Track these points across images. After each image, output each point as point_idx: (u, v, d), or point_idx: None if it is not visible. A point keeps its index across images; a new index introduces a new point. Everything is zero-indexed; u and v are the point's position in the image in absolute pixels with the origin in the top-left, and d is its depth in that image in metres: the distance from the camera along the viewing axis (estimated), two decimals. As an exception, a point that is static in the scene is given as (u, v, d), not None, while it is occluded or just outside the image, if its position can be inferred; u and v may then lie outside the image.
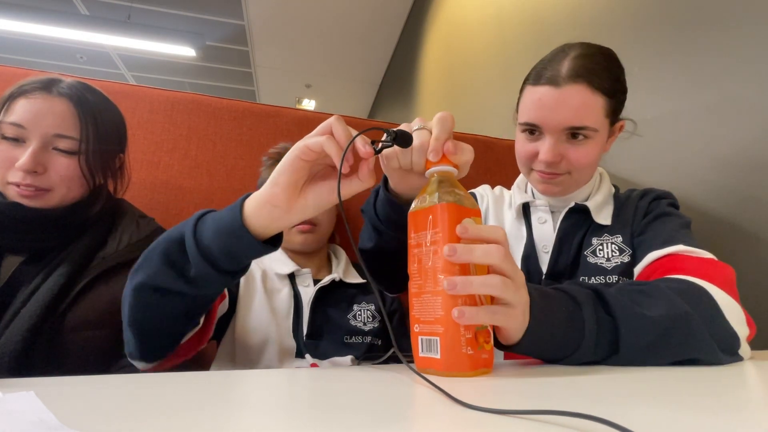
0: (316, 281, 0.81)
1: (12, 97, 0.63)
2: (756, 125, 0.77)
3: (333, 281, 0.81)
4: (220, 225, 0.43)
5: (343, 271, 0.85)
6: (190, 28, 3.74)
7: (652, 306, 0.44)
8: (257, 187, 0.87)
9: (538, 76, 0.66)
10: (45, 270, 0.63)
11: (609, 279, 0.64)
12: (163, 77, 4.73)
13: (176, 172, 1.01)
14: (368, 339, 0.78)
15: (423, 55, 3.16)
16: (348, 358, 0.74)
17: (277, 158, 0.87)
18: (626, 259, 0.66)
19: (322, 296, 0.80)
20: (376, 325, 0.80)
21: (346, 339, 0.76)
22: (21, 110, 0.62)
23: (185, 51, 3.56)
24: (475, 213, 0.40)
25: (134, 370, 0.53)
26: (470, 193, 0.82)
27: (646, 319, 0.43)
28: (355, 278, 0.86)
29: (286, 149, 0.84)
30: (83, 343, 0.62)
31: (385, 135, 0.43)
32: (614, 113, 0.67)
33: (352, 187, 0.43)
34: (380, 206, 0.54)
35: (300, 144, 0.41)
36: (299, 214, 0.44)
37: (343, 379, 0.37)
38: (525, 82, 0.69)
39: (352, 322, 0.79)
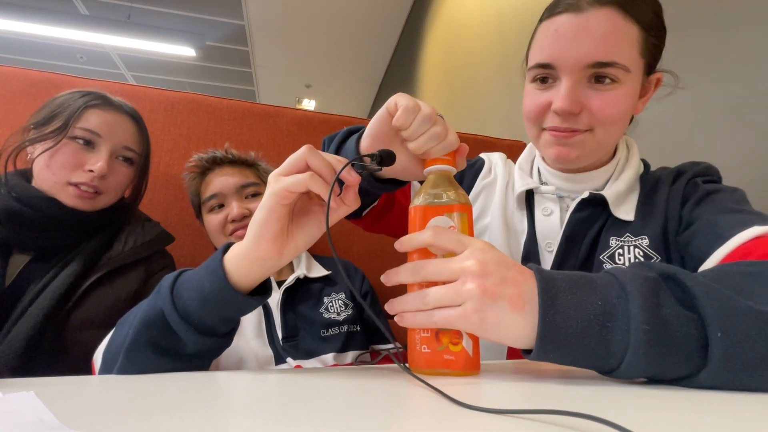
0: (280, 283, 0.79)
1: (86, 107, 0.69)
2: (757, 125, 0.77)
3: (298, 279, 0.80)
4: (204, 294, 0.39)
5: (306, 267, 0.83)
6: (190, 28, 3.74)
7: None
8: (190, 201, 0.87)
9: (554, 5, 0.53)
10: (54, 268, 0.65)
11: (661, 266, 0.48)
12: (163, 77, 4.73)
13: (176, 172, 1.01)
14: (345, 328, 0.77)
15: (423, 55, 3.16)
16: (330, 356, 0.73)
17: (198, 171, 0.85)
18: None
19: (290, 296, 0.78)
20: (350, 313, 0.80)
21: (323, 333, 0.75)
22: (98, 120, 0.69)
23: (185, 51, 3.56)
24: (458, 208, 0.39)
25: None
26: (478, 158, 0.72)
27: (760, 315, 0.28)
28: (319, 272, 0.84)
29: (202, 159, 0.85)
30: (87, 342, 0.63)
31: (366, 159, 0.42)
32: (652, 55, 0.52)
33: (339, 214, 0.41)
34: (344, 154, 0.50)
35: (277, 188, 0.37)
36: (290, 256, 0.41)
37: (340, 379, 0.37)
38: (539, 22, 0.55)
39: (326, 315, 0.78)
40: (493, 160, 0.70)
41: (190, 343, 0.40)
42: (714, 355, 0.28)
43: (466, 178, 0.69)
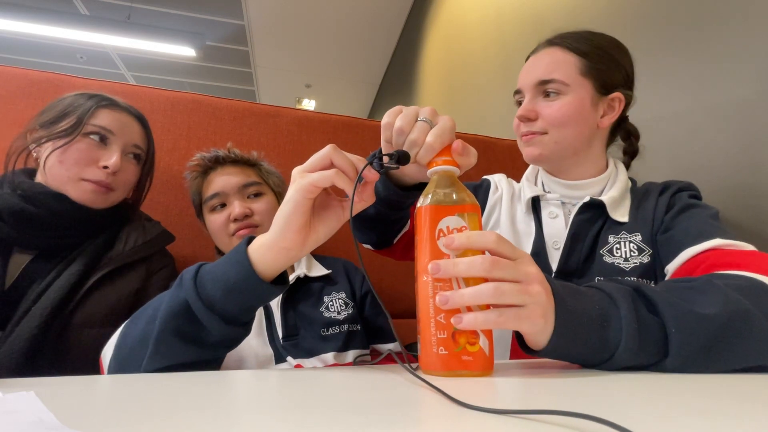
0: None
1: (97, 107, 0.71)
2: (756, 126, 0.77)
3: (298, 278, 0.80)
4: (229, 284, 0.41)
5: (306, 266, 0.83)
6: (190, 28, 3.74)
7: (706, 303, 0.39)
8: (192, 200, 0.87)
9: (529, 56, 0.72)
10: (57, 268, 0.65)
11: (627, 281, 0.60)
12: (163, 77, 4.73)
13: (176, 172, 1.01)
14: (345, 327, 0.77)
15: (423, 55, 3.16)
16: (330, 355, 0.73)
17: (200, 170, 0.85)
18: (645, 259, 0.62)
19: (290, 296, 0.78)
20: (350, 312, 0.80)
21: (323, 332, 0.75)
22: (110, 118, 0.71)
23: (185, 51, 3.56)
24: (470, 209, 0.39)
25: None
26: (483, 179, 0.83)
27: (699, 317, 0.38)
28: (320, 271, 0.84)
29: (204, 158, 0.85)
30: (88, 341, 0.63)
31: (385, 158, 0.45)
32: (599, 78, 0.66)
33: (356, 208, 0.44)
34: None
35: (304, 183, 0.40)
36: (311, 247, 0.44)
37: (342, 379, 0.37)
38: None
39: (326, 314, 0.77)
40: (496, 179, 0.82)
41: (215, 332, 0.42)
42: (673, 346, 0.38)
43: (479, 196, 0.79)
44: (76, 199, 0.67)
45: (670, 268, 0.58)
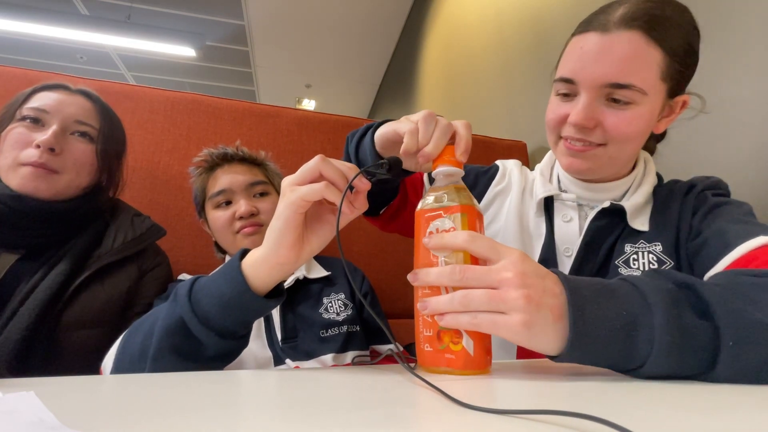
0: None
1: (34, 92, 0.69)
2: (758, 125, 0.77)
3: (297, 280, 0.79)
4: (224, 300, 0.41)
5: (305, 267, 0.83)
6: (190, 28, 3.74)
7: None
8: (193, 198, 0.86)
9: (586, 23, 0.55)
10: (43, 267, 0.63)
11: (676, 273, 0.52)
12: (163, 77, 4.72)
13: (176, 172, 1.01)
14: (344, 328, 0.77)
15: (423, 55, 3.16)
16: (329, 357, 0.73)
17: (206, 166, 0.85)
18: None
19: (289, 298, 0.78)
20: (349, 313, 0.79)
21: (323, 333, 0.75)
22: (44, 98, 0.68)
23: (185, 51, 3.56)
24: (459, 210, 0.39)
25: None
26: (493, 164, 0.74)
27: (765, 326, 0.32)
28: (319, 272, 0.84)
29: (211, 154, 0.84)
30: (78, 342, 0.62)
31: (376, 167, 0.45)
32: (675, 80, 0.54)
33: (349, 218, 0.43)
34: (363, 152, 0.53)
35: (294, 198, 0.39)
36: (305, 259, 0.44)
37: (341, 378, 0.37)
38: (571, 36, 0.58)
39: (325, 315, 0.77)
40: (508, 166, 0.72)
41: (211, 347, 0.42)
42: (725, 361, 0.32)
43: (479, 184, 0.71)
44: (17, 189, 0.63)
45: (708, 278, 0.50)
